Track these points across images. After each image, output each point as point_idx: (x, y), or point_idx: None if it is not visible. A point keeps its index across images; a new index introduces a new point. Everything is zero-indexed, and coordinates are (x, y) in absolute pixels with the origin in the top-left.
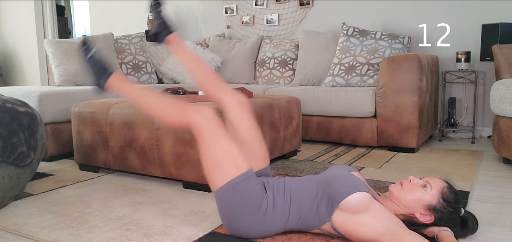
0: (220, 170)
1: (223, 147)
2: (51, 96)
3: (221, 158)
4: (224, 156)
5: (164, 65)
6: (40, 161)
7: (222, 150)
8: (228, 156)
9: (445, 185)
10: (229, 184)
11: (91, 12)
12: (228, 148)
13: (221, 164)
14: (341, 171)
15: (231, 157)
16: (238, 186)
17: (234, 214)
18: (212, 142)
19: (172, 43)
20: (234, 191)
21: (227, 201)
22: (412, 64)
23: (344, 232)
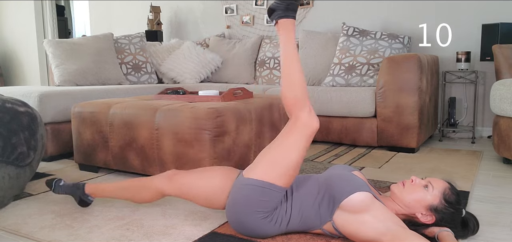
0: (272, 170)
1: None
2: (51, 96)
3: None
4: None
5: (164, 65)
6: (40, 161)
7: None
8: (290, 167)
9: (447, 186)
10: (266, 184)
11: (91, 12)
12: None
13: (279, 167)
14: (342, 171)
15: (292, 170)
16: (269, 193)
17: (247, 208)
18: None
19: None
20: (263, 192)
21: (251, 194)
22: (412, 64)
23: (345, 232)
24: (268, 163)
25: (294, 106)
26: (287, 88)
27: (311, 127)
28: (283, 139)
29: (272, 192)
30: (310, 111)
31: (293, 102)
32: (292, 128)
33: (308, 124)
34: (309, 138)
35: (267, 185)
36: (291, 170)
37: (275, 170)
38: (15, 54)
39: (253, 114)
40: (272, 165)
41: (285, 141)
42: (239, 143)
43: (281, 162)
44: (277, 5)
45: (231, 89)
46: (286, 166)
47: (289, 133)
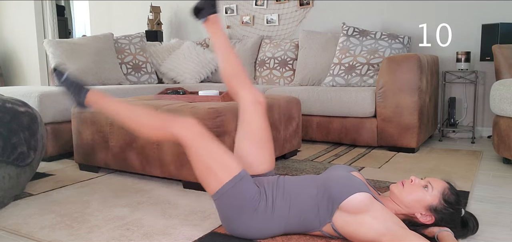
0: (213, 176)
1: (212, 153)
2: (51, 96)
3: (211, 165)
4: (214, 162)
5: (164, 65)
6: (40, 161)
7: (211, 156)
8: (218, 161)
9: (446, 186)
10: (224, 188)
11: (91, 12)
12: (217, 153)
13: (212, 170)
14: (342, 172)
15: (222, 162)
16: (232, 190)
17: (232, 216)
18: (201, 149)
19: (211, 24)
20: (229, 195)
21: (224, 204)
22: (412, 64)
23: (345, 233)
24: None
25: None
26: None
27: (190, 129)
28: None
29: (235, 185)
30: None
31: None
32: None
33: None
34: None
35: (226, 186)
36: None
37: (216, 173)
38: (15, 54)
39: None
40: (209, 172)
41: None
42: None
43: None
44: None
45: None
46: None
47: (189, 149)
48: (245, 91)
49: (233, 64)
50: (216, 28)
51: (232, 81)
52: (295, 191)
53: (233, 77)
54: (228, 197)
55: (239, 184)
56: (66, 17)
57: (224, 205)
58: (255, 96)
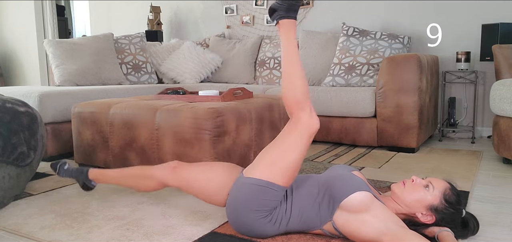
0: (273, 169)
1: (295, 157)
2: (51, 96)
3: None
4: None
5: (164, 65)
6: (40, 161)
7: (292, 158)
8: (291, 166)
9: (447, 186)
10: (266, 183)
11: (91, 12)
12: (298, 161)
13: (279, 166)
14: (342, 171)
15: (292, 170)
16: (269, 193)
17: (247, 207)
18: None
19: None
20: (263, 191)
21: (250, 193)
22: (412, 64)
23: (346, 232)
24: (268, 162)
25: (295, 106)
26: (288, 89)
27: (311, 127)
28: (283, 139)
29: (272, 191)
30: (311, 111)
31: (294, 102)
32: (293, 128)
33: (308, 125)
34: (309, 138)
35: (267, 184)
36: (291, 169)
37: (275, 169)
38: (15, 54)
39: (253, 114)
40: (272, 164)
41: (286, 140)
42: (239, 143)
43: (281, 162)
44: (278, 5)
45: (231, 89)
46: (286, 165)
47: (289, 133)
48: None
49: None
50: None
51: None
52: (296, 190)
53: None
54: (262, 192)
55: (276, 193)
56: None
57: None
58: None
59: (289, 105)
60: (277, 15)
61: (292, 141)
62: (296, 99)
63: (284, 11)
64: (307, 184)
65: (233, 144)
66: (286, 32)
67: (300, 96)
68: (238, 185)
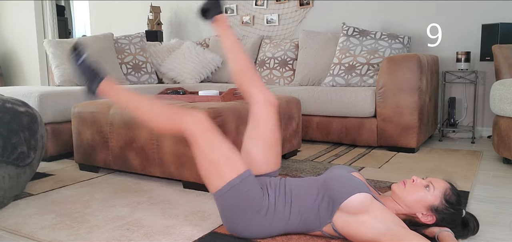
0: (217, 173)
1: (218, 149)
2: (51, 96)
3: (217, 161)
4: (220, 158)
5: (164, 65)
6: (40, 161)
7: (218, 152)
8: (224, 158)
9: (448, 186)
10: (227, 186)
11: (91, 12)
12: (224, 150)
13: (217, 166)
14: (342, 172)
15: (228, 159)
16: (236, 188)
17: (234, 215)
18: (207, 145)
19: (219, 23)
20: (233, 193)
21: (227, 203)
22: (412, 64)
23: (345, 233)
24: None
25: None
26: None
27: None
28: (198, 148)
29: (239, 184)
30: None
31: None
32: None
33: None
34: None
35: (230, 184)
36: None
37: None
38: (15, 54)
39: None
40: (214, 170)
41: (201, 148)
42: (239, 143)
43: (217, 161)
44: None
45: (231, 89)
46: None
47: (196, 143)
48: (256, 91)
49: (243, 64)
50: (224, 27)
51: (243, 81)
52: (296, 191)
53: (243, 77)
54: (232, 195)
55: (244, 182)
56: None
57: (227, 203)
58: (266, 97)
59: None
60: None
61: (205, 144)
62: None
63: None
64: (307, 185)
65: (233, 144)
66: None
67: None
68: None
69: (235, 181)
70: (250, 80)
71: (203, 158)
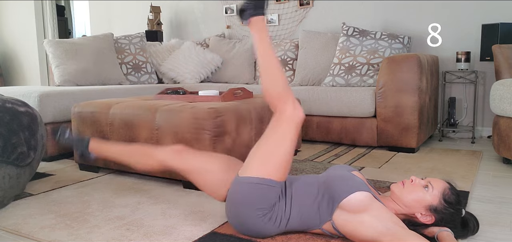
0: (266, 165)
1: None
2: (51, 96)
3: (276, 157)
4: (281, 157)
5: (164, 65)
6: (40, 161)
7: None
8: (283, 159)
9: (446, 186)
10: (262, 180)
11: (91, 12)
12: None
13: (272, 161)
14: (342, 171)
15: (285, 162)
16: (267, 189)
17: (245, 207)
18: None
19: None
20: (261, 189)
21: (248, 192)
22: (412, 64)
23: (345, 231)
24: (260, 159)
25: (278, 100)
26: (270, 84)
27: (297, 118)
28: (271, 134)
29: (268, 187)
30: (294, 103)
31: (277, 97)
32: (279, 122)
33: (293, 116)
34: (297, 129)
35: (263, 180)
36: (283, 162)
37: (268, 165)
38: (15, 54)
39: (253, 114)
40: (264, 160)
41: (274, 135)
42: (239, 143)
43: (273, 156)
44: (246, 5)
45: (231, 89)
46: (278, 159)
47: (276, 127)
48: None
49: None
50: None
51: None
52: (296, 190)
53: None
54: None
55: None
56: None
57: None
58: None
59: (272, 100)
60: (247, 14)
61: (280, 135)
62: (278, 94)
63: (253, 9)
64: (307, 184)
65: (233, 144)
66: (258, 29)
67: (281, 89)
68: (235, 185)
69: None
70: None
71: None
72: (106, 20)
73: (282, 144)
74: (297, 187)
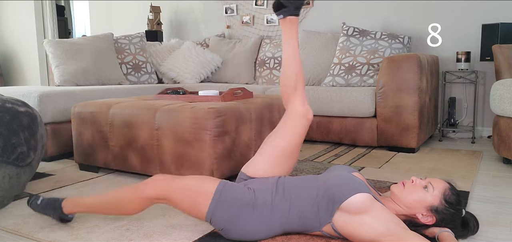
0: (199, 204)
1: (189, 188)
2: (51, 96)
3: (192, 197)
4: (192, 193)
5: (164, 65)
6: (40, 161)
7: (188, 191)
8: (195, 191)
9: (447, 186)
10: (210, 208)
11: (91, 12)
12: (191, 186)
13: (196, 201)
14: (342, 172)
15: (199, 188)
16: (220, 201)
17: (232, 222)
18: (177, 193)
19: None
20: (218, 209)
21: (220, 219)
22: (412, 64)
23: (345, 233)
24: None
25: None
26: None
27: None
28: (175, 203)
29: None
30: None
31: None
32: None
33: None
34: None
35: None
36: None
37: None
38: (15, 54)
39: (253, 114)
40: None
41: (177, 201)
42: (239, 143)
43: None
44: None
45: (231, 89)
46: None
47: (170, 201)
48: (298, 103)
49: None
50: (291, 32)
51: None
52: (295, 191)
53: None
54: (219, 211)
55: (224, 191)
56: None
57: (220, 220)
58: (306, 111)
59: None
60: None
61: (176, 195)
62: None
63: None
64: (306, 185)
65: (233, 144)
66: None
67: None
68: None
69: (214, 198)
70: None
71: (182, 203)
72: (106, 20)
73: (183, 193)
74: (296, 188)
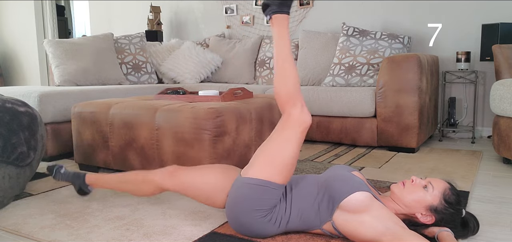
0: (269, 167)
1: (290, 153)
2: (51, 96)
3: (280, 159)
4: (284, 160)
5: (164, 65)
6: (40, 161)
7: (287, 154)
8: (287, 162)
9: (447, 186)
10: (264, 182)
11: (91, 12)
12: (293, 156)
13: (275, 163)
14: (342, 171)
15: (288, 165)
16: (267, 191)
17: (246, 207)
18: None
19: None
20: (261, 190)
21: (250, 193)
22: (412, 64)
23: (345, 232)
24: (264, 160)
25: (286, 103)
26: (280, 85)
27: (304, 122)
28: (277, 136)
29: (270, 189)
30: (302, 107)
31: (286, 99)
32: (286, 124)
33: (301, 120)
34: (302, 134)
35: (265, 183)
36: (288, 165)
37: (272, 167)
38: (15, 54)
39: (253, 114)
40: (268, 162)
41: (279, 137)
42: (239, 143)
43: (277, 159)
44: (271, 2)
45: (231, 89)
46: (282, 162)
47: (282, 129)
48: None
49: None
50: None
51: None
52: (296, 190)
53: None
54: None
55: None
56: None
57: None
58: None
59: (281, 101)
60: (270, 10)
61: (286, 137)
62: (288, 96)
63: (277, 6)
64: (307, 184)
65: (233, 144)
66: (279, 27)
67: (292, 92)
68: (236, 186)
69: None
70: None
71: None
72: (106, 20)
73: (286, 147)
74: (297, 187)
